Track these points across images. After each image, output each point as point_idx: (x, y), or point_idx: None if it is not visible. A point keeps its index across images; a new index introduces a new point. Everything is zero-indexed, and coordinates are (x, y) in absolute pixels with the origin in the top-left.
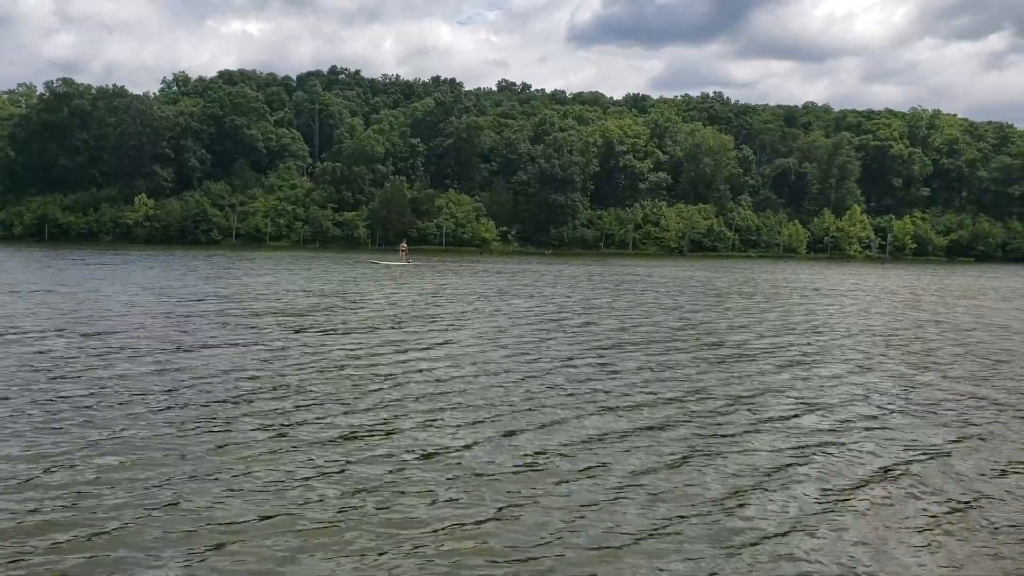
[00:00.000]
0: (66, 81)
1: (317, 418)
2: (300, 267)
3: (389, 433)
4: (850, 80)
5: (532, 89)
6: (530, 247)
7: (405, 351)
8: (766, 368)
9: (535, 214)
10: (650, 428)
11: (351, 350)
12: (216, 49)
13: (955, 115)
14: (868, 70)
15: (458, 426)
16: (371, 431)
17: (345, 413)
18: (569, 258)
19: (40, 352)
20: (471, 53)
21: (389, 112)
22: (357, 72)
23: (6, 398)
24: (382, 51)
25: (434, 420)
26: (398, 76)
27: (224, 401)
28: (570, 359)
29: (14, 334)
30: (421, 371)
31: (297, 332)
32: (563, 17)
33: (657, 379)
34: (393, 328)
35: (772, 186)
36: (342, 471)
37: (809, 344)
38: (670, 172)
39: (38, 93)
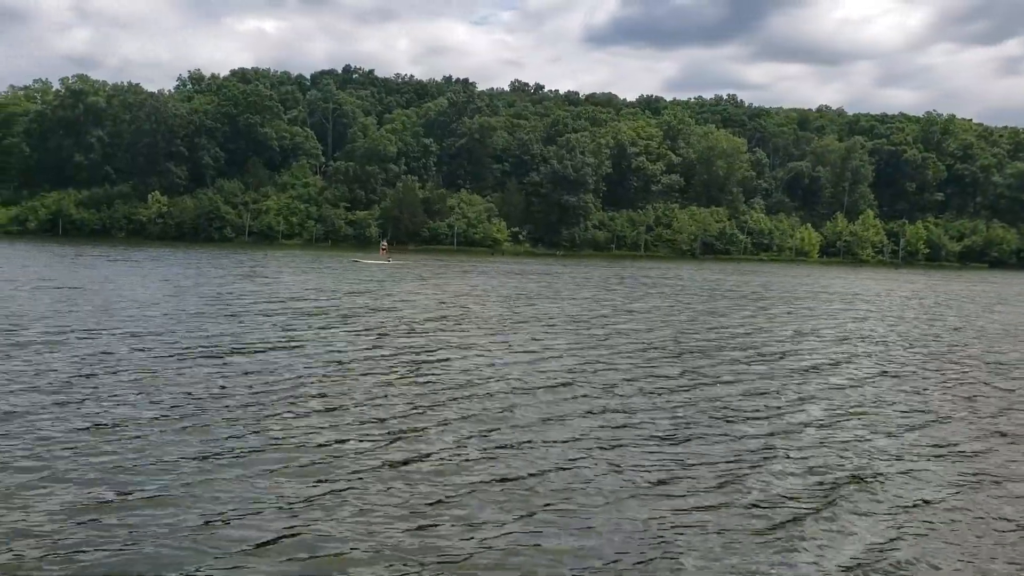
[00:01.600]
0: (81, 78)
1: (401, 431)
2: (313, 266)
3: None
4: (864, 84)
5: (545, 90)
6: (541, 248)
7: (454, 354)
8: (832, 380)
9: (547, 215)
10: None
11: (395, 354)
12: (231, 47)
13: (970, 120)
14: (882, 74)
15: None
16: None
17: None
18: (581, 260)
19: (97, 353)
20: (485, 53)
21: (402, 112)
22: (371, 71)
23: (81, 398)
24: (396, 50)
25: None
26: (411, 76)
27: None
28: (629, 368)
29: (64, 332)
30: (476, 376)
31: (353, 335)
32: (578, 18)
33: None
34: (433, 332)
35: (785, 189)
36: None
37: (856, 353)
38: (683, 174)
39: (54, 89)
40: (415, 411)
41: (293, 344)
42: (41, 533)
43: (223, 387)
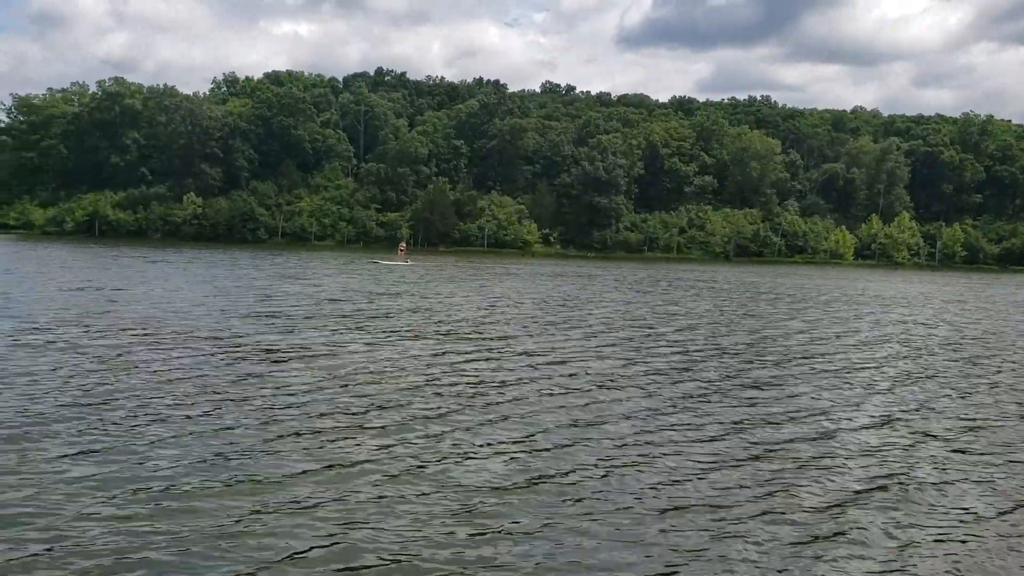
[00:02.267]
0: (118, 80)
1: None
2: (348, 267)
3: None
4: (901, 84)
5: (577, 91)
6: (572, 250)
7: (495, 357)
8: (880, 385)
9: (578, 217)
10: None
11: (436, 356)
12: (266, 50)
13: (1009, 121)
14: (920, 74)
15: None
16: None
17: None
18: (613, 262)
19: (142, 353)
20: (517, 54)
21: (433, 114)
22: (403, 74)
23: (177, 402)
24: (430, 53)
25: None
26: (442, 78)
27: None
28: (684, 371)
29: (110, 333)
30: (529, 380)
31: (410, 339)
32: (612, 19)
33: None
34: (473, 335)
35: (819, 191)
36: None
37: (901, 356)
38: (716, 176)
39: (90, 92)
40: (457, 415)
41: (335, 345)
42: (78, 539)
43: (268, 389)
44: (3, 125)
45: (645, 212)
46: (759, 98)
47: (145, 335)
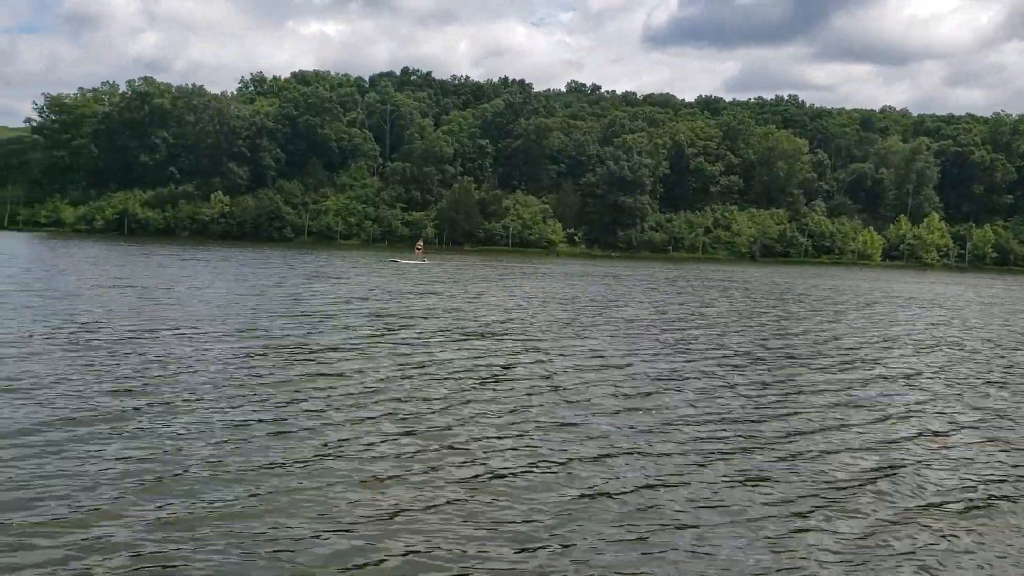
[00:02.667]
0: (147, 80)
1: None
2: (376, 266)
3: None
4: (932, 84)
5: (603, 90)
6: (597, 249)
7: (528, 359)
8: (931, 389)
9: (603, 216)
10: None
11: (470, 358)
12: (295, 50)
13: None
14: (951, 73)
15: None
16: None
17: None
18: (639, 261)
19: (180, 352)
20: (544, 54)
21: (459, 113)
22: (428, 73)
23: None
24: (457, 52)
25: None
26: (467, 77)
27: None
28: (725, 375)
29: (148, 332)
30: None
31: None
32: (639, 19)
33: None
34: (503, 336)
35: (847, 191)
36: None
37: (946, 360)
38: (742, 175)
39: (120, 91)
40: (494, 419)
41: (374, 346)
42: (121, 545)
43: (305, 393)
44: (35, 124)
45: (670, 212)
46: (786, 97)
47: (188, 334)
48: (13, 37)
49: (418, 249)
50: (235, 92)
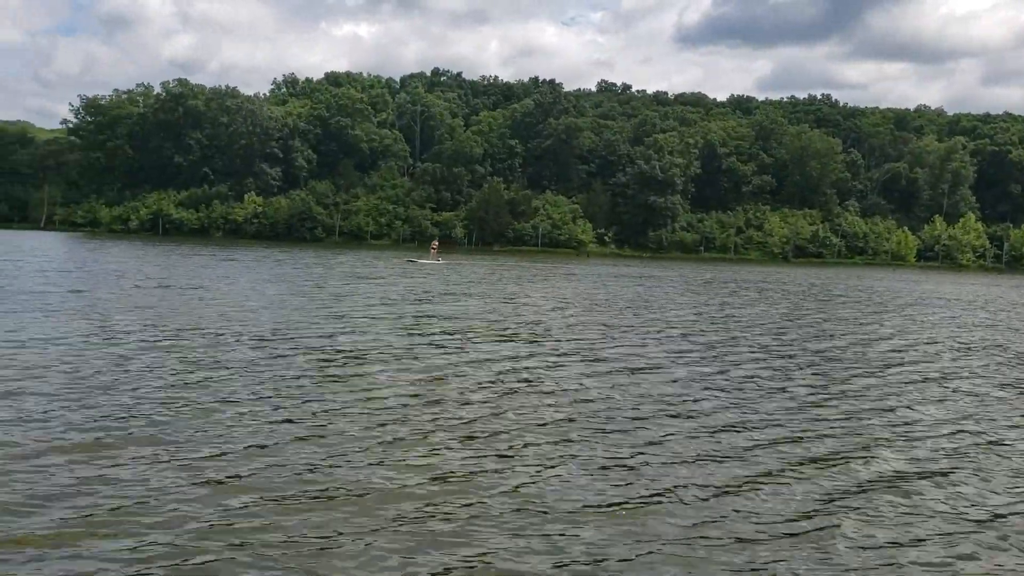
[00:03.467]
0: (181, 81)
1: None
2: (410, 267)
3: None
4: (968, 82)
5: (634, 90)
6: (627, 250)
7: (569, 362)
8: (992, 395)
9: (633, 216)
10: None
11: (511, 361)
12: (327, 51)
13: None
14: (988, 72)
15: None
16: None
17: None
18: (670, 262)
19: (233, 353)
20: (575, 54)
21: (488, 113)
22: (458, 74)
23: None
24: (488, 52)
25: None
26: (496, 77)
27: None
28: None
29: (199, 332)
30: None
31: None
32: (670, 18)
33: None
34: (544, 339)
35: (881, 191)
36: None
37: (1004, 365)
38: (774, 175)
39: (155, 93)
40: (538, 428)
41: (417, 347)
42: (175, 552)
43: (364, 393)
44: (71, 126)
45: (702, 212)
46: (819, 96)
47: (236, 336)
48: (53, 39)
49: (433, 249)
50: (267, 93)
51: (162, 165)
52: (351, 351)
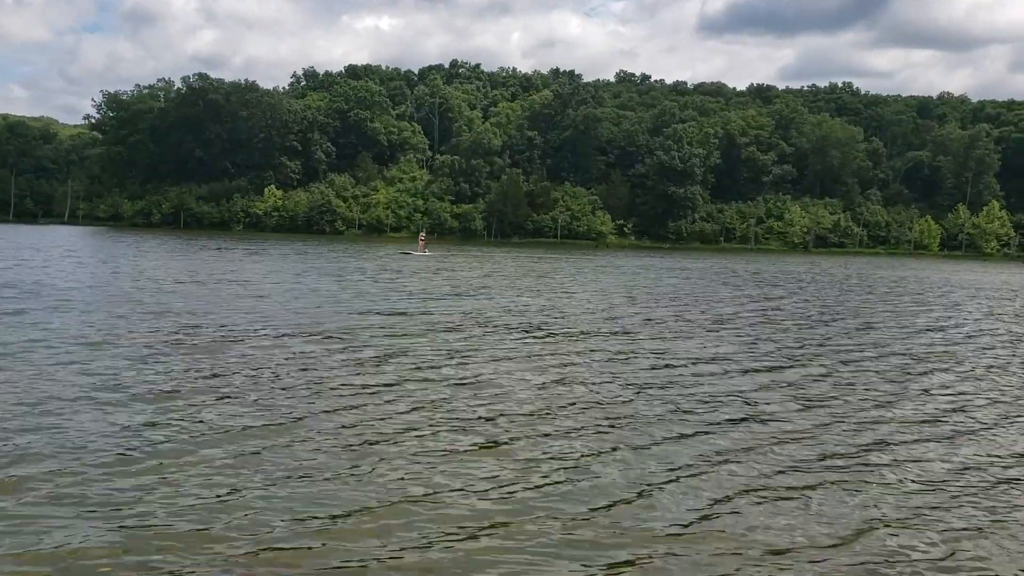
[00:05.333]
0: (201, 76)
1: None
2: (444, 263)
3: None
4: (996, 69)
5: (654, 80)
6: (647, 241)
7: (603, 360)
8: None
9: (652, 207)
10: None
11: (549, 360)
12: (349, 44)
13: None
14: (1017, 58)
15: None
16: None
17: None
18: (690, 253)
19: (279, 351)
20: (597, 44)
21: (507, 105)
22: (477, 66)
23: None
24: (509, 44)
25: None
26: (515, 69)
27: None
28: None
29: (242, 330)
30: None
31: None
32: (694, 6)
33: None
34: (579, 337)
35: (903, 180)
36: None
37: None
38: (795, 165)
39: (176, 88)
40: (574, 433)
41: (462, 345)
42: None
43: (392, 394)
44: (94, 121)
45: (721, 202)
46: (840, 85)
47: (268, 333)
48: (78, 36)
49: (421, 240)
50: (287, 87)
51: (183, 159)
52: (381, 346)
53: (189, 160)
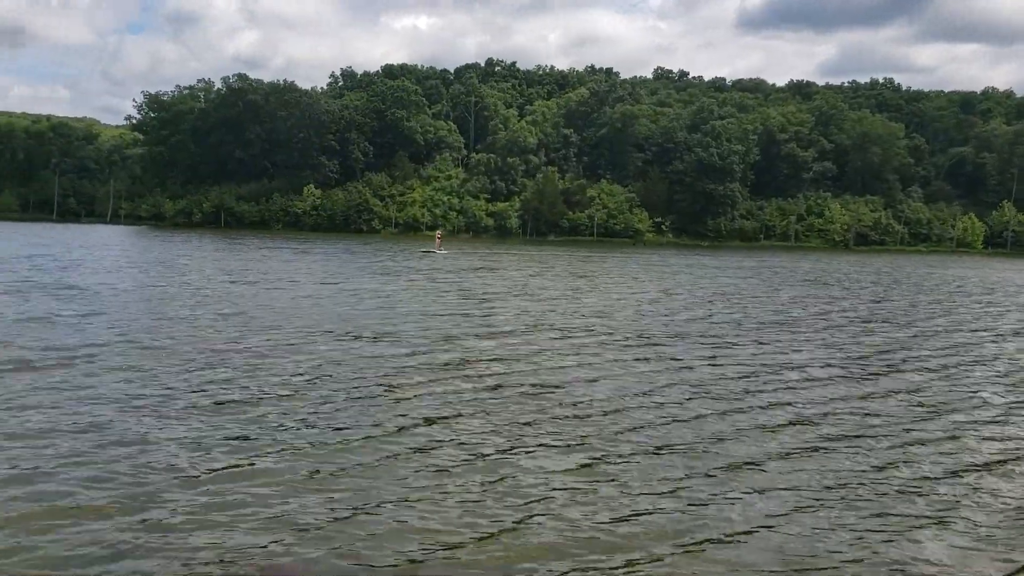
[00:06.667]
0: (241, 77)
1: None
2: (487, 261)
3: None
4: None
5: (692, 76)
6: (685, 238)
7: (657, 367)
8: None
9: (691, 205)
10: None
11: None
12: (387, 45)
13: None
14: None
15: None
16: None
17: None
18: (730, 251)
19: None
20: (635, 40)
21: (543, 103)
22: (513, 64)
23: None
24: (546, 43)
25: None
26: (552, 67)
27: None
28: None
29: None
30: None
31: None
32: (732, 2)
33: None
34: (633, 342)
35: (946, 176)
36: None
37: None
38: (835, 161)
39: (216, 88)
40: (619, 440)
41: (513, 347)
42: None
43: (452, 398)
44: (135, 122)
45: (761, 200)
46: (881, 81)
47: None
48: (121, 37)
49: (438, 238)
50: (325, 87)
51: (223, 159)
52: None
53: (229, 160)
